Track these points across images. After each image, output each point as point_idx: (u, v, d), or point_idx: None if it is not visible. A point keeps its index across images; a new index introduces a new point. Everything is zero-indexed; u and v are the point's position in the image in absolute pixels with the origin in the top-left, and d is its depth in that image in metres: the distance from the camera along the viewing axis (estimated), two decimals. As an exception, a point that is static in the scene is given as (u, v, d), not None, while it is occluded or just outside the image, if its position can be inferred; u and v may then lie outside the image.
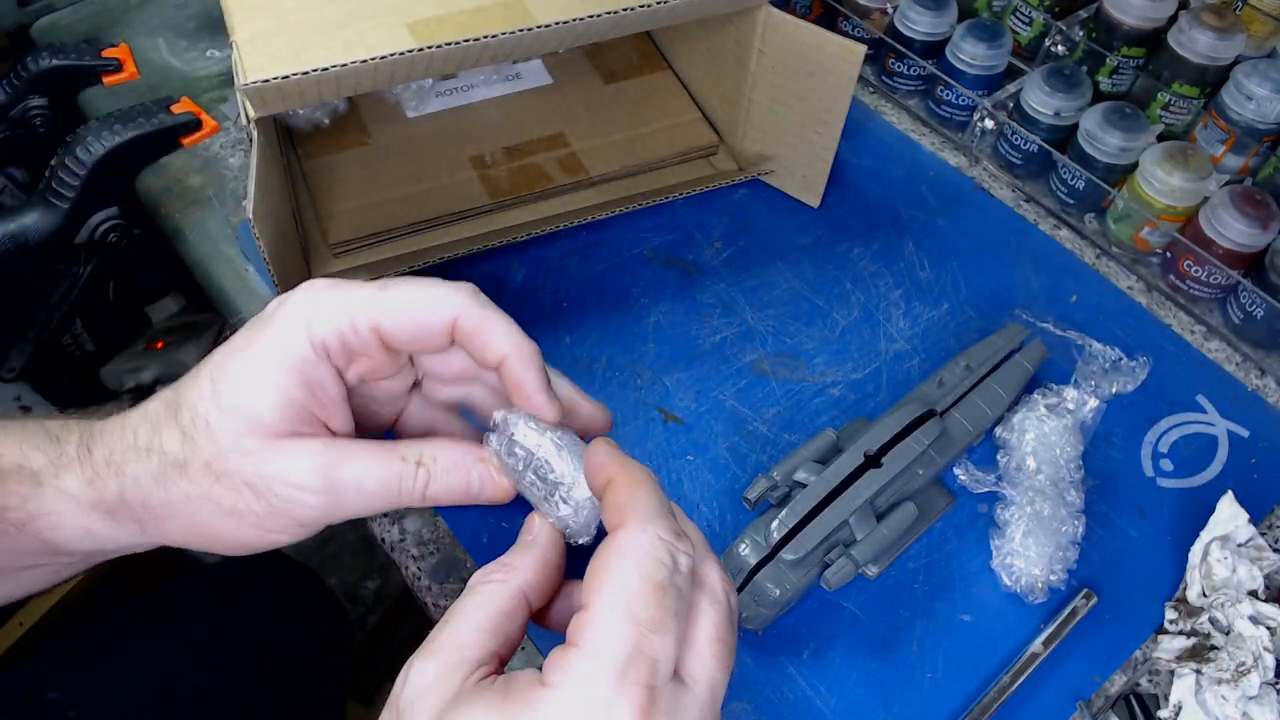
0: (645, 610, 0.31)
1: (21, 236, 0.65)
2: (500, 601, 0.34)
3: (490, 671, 0.32)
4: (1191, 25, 0.67)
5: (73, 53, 0.73)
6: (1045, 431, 0.53)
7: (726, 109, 0.68)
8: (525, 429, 0.38)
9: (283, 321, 0.37)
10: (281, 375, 0.36)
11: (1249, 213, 0.60)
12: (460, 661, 0.32)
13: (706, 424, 0.56)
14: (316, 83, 0.47)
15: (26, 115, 0.73)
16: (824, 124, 0.62)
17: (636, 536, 0.32)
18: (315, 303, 0.37)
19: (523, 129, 0.68)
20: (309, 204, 0.63)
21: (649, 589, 0.31)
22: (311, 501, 0.37)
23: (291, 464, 0.36)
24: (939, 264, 0.65)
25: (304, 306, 0.37)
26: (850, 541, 0.48)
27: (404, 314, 0.37)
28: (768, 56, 0.61)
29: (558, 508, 0.37)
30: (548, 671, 0.31)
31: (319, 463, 0.37)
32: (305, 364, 0.36)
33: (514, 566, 0.35)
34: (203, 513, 0.37)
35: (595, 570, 0.32)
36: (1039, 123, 0.68)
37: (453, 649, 0.32)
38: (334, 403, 0.38)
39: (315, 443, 0.37)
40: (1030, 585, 0.50)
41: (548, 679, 0.30)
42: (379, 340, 0.37)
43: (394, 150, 0.66)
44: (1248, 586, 0.50)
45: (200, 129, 0.70)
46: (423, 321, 0.37)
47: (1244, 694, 0.47)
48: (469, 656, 0.32)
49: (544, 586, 0.36)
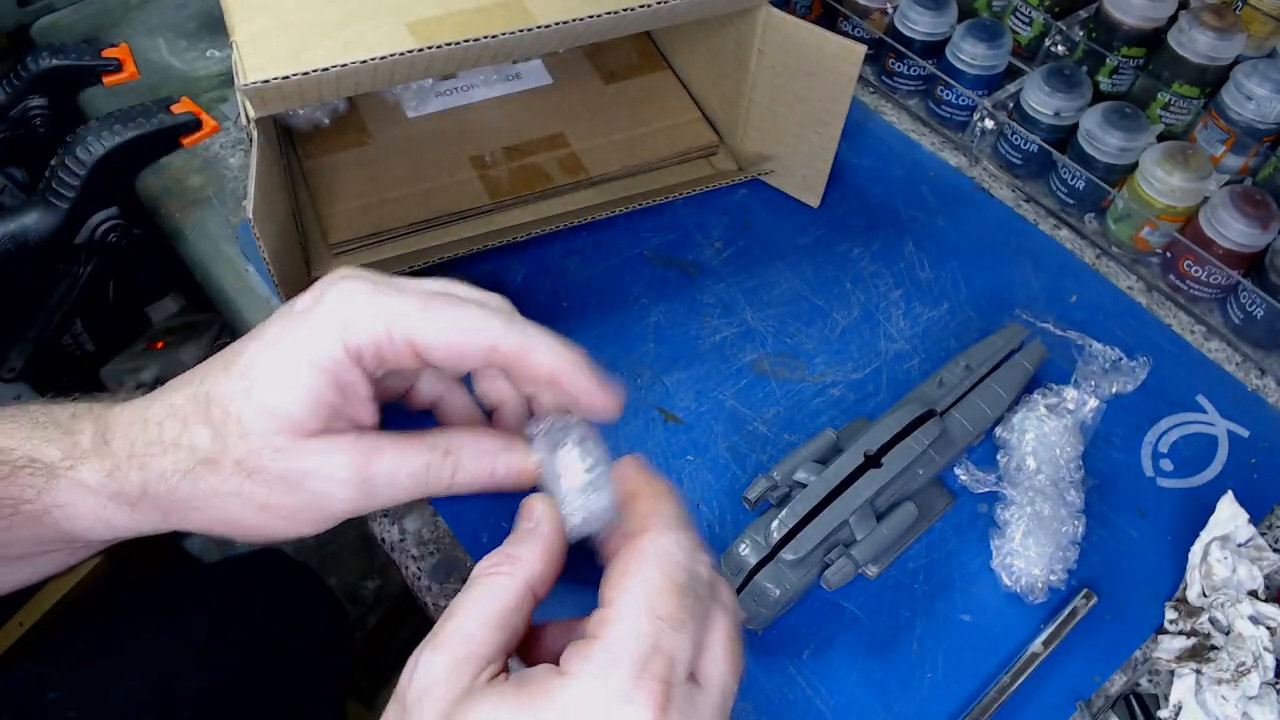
0: (666, 608, 0.32)
1: (21, 236, 0.65)
2: (507, 595, 0.34)
3: (499, 670, 0.32)
4: (1191, 25, 0.67)
5: (73, 53, 0.73)
6: (1045, 431, 0.53)
7: (726, 109, 0.68)
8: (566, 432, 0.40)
9: (318, 322, 0.37)
10: (314, 377, 0.36)
11: (1249, 213, 0.60)
12: (469, 656, 0.32)
13: (706, 424, 0.56)
14: (316, 83, 0.47)
15: (26, 115, 0.73)
16: (824, 124, 0.62)
17: (660, 540, 0.33)
18: (352, 308, 0.37)
19: (523, 129, 0.68)
20: (309, 204, 0.63)
21: (671, 588, 0.32)
22: (344, 496, 0.37)
23: (325, 462, 0.37)
24: (939, 264, 0.65)
25: (340, 310, 0.37)
26: (850, 541, 0.48)
27: (442, 336, 0.37)
28: (768, 56, 0.61)
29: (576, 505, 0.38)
30: (566, 662, 0.31)
31: (352, 460, 0.37)
32: (339, 368, 0.37)
33: (518, 558, 0.35)
34: (232, 507, 0.38)
35: (619, 570, 0.33)
36: (1039, 123, 0.68)
37: (460, 643, 0.32)
38: (364, 402, 0.39)
39: (347, 440, 0.37)
40: (1030, 585, 0.50)
41: (567, 668, 0.31)
42: (413, 352, 0.37)
43: (394, 150, 0.66)
44: (1248, 586, 0.50)
45: (200, 129, 0.70)
46: (462, 347, 0.37)
47: (1244, 694, 0.47)
48: (477, 652, 0.32)
49: (548, 576, 0.36)
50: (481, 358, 0.38)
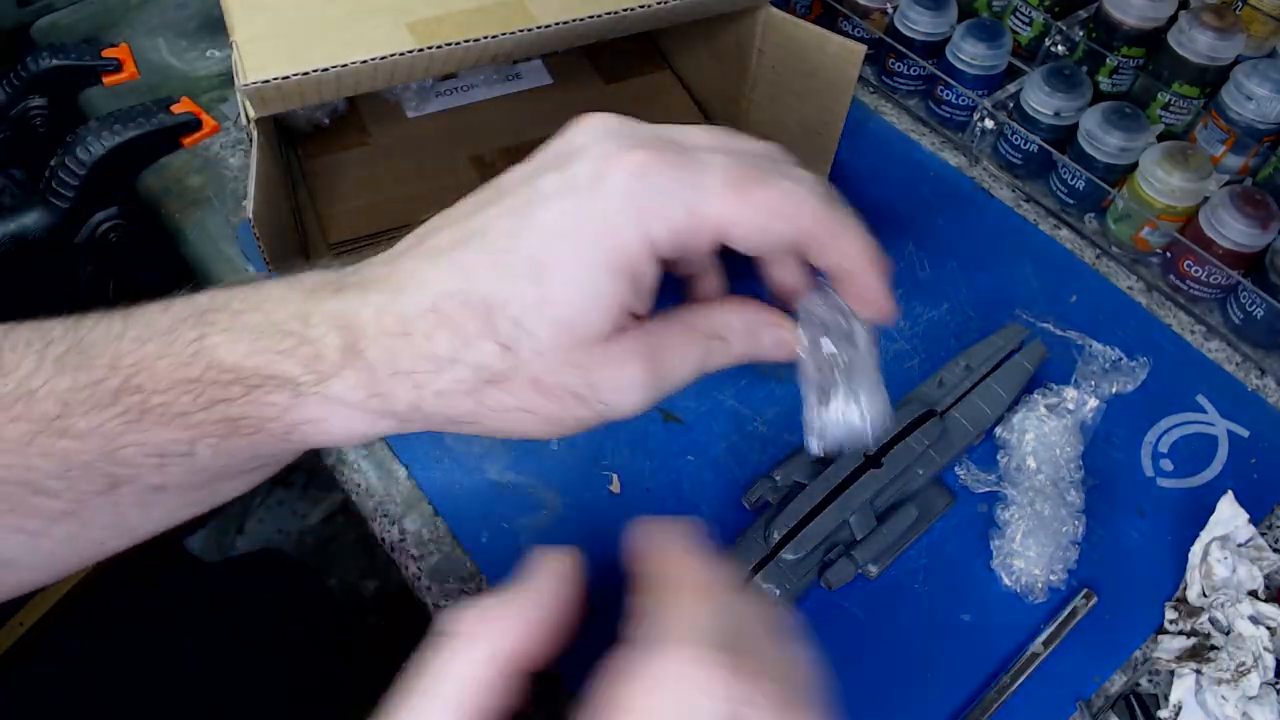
0: None
1: (21, 236, 0.65)
2: (469, 672, 0.28)
3: None
4: (1191, 25, 0.67)
5: (73, 53, 0.73)
6: (1045, 431, 0.53)
7: (727, 109, 0.68)
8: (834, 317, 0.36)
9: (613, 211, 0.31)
10: (615, 284, 0.32)
11: (1249, 213, 0.60)
12: None
13: (706, 424, 0.56)
14: (316, 83, 0.47)
15: (26, 115, 0.73)
16: (824, 124, 0.62)
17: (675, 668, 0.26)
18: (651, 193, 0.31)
19: (523, 129, 0.68)
20: (309, 204, 0.63)
21: None
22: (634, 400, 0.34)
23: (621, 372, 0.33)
24: (939, 264, 0.65)
25: (637, 195, 0.31)
26: (850, 542, 0.48)
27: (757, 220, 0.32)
28: (768, 56, 0.61)
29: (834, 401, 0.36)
30: None
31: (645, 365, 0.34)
32: (637, 265, 0.32)
33: (491, 621, 0.29)
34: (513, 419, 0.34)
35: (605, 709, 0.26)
36: (1039, 123, 0.68)
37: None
38: (651, 293, 0.34)
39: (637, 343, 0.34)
40: (1030, 585, 0.50)
41: None
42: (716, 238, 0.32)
43: (394, 150, 0.66)
44: (1248, 586, 0.50)
45: (200, 129, 0.70)
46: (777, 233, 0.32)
47: (1244, 694, 0.47)
48: None
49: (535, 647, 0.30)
50: (791, 243, 0.33)
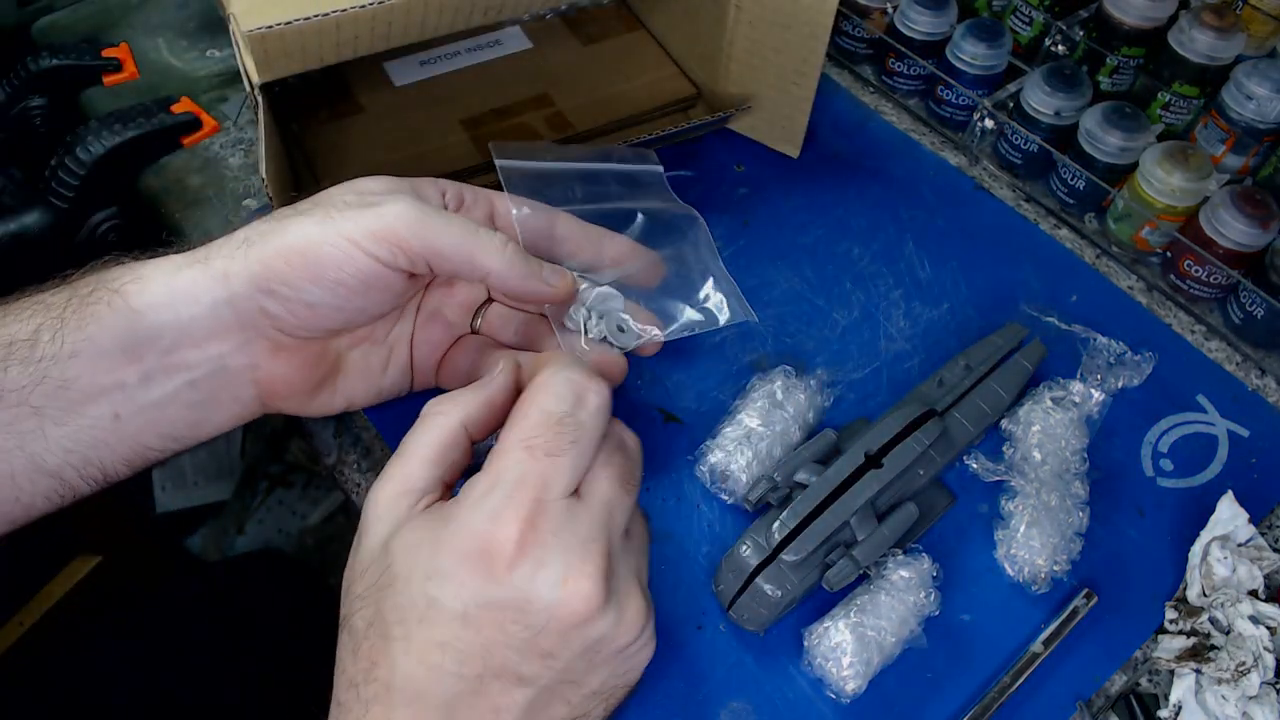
0: (540, 439, 0.37)
1: (21, 236, 0.65)
2: (442, 434, 0.39)
3: (435, 499, 0.38)
4: (1191, 25, 0.67)
5: (73, 53, 0.73)
6: (1050, 424, 0.53)
7: (705, 66, 0.69)
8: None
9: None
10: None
11: (1249, 213, 0.60)
12: (407, 490, 0.38)
13: (706, 424, 0.56)
14: (317, 32, 0.48)
15: (26, 115, 0.73)
16: (801, 75, 0.63)
17: (546, 378, 0.38)
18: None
19: (508, 91, 0.70)
20: (306, 173, 0.64)
21: (545, 421, 0.37)
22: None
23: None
24: (939, 264, 0.65)
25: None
26: (851, 542, 0.48)
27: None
28: (745, 12, 0.62)
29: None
30: (460, 493, 0.37)
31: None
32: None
33: (458, 401, 0.40)
34: None
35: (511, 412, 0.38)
36: (1039, 123, 0.68)
37: (400, 479, 0.38)
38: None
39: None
40: (1034, 575, 0.50)
41: (459, 498, 0.37)
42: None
43: (386, 118, 0.67)
44: (1248, 586, 0.50)
45: (200, 129, 0.70)
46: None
47: (1244, 694, 0.47)
48: (414, 486, 0.38)
49: (485, 421, 0.40)
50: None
